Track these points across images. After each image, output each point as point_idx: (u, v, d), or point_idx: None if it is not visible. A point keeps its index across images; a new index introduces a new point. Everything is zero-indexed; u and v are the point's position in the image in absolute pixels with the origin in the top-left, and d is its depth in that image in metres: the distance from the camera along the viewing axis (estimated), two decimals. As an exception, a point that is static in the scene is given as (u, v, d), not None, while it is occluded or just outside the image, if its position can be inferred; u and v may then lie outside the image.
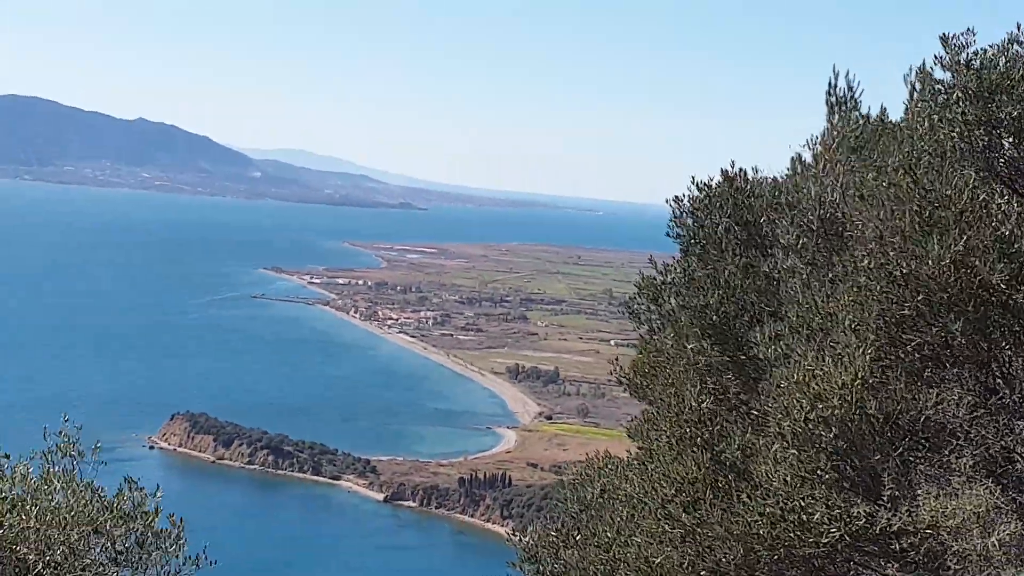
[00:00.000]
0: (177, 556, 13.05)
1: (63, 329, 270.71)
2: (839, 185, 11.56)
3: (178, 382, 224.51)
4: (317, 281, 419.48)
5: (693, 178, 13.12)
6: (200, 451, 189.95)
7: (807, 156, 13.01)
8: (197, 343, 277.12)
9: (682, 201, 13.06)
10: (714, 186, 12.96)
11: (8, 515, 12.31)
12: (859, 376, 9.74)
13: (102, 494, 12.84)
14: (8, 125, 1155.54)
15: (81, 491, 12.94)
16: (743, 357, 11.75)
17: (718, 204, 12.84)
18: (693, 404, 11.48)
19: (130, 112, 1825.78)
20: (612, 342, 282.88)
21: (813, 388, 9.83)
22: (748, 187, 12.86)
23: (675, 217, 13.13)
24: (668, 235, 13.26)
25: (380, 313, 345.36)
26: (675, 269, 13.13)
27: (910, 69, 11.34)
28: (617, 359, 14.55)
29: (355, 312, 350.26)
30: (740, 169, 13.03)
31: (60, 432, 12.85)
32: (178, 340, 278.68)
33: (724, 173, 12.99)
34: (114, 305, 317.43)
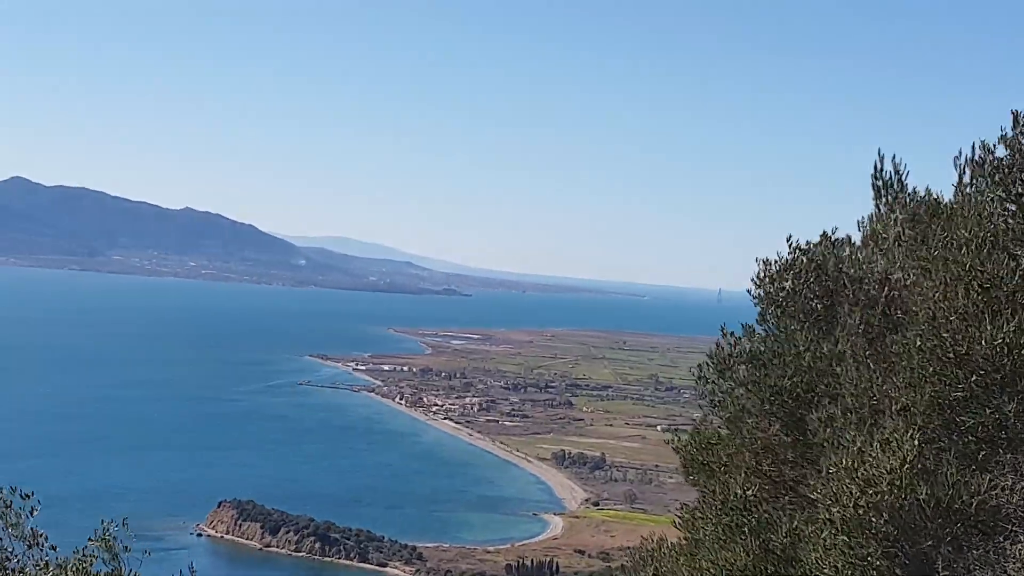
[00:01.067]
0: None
1: (110, 419, 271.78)
2: (900, 264, 11.48)
3: (224, 470, 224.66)
4: (363, 368, 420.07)
5: (760, 258, 13.14)
6: (247, 538, 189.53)
7: (856, 238, 12.96)
8: (243, 431, 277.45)
9: (760, 272, 13.06)
10: (790, 260, 12.92)
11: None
12: (907, 460, 9.63)
13: None
14: (56, 216, 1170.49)
15: None
16: (801, 439, 11.59)
17: (800, 275, 12.72)
18: (739, 491, 11.35)
19: (177, 202, 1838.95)
20: (659, 427, 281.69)
21: (862, 473, 9.74)
22: (822, 261, 12.77)
23: (757, 282, 13.07)
24: (752, 300, 13.17)
25: (425, 399, 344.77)
26: (744, 343, 12.97)
27: (960, 152, 11.37)
28: (676, 437, 14.21)
29: (400, 398, 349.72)
30: (810, 243, 13.01)
31: (104, 525, 12.89)
32: (224, 428, 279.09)
33: (797, 247, 12.97)
34: (161, 394, 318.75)
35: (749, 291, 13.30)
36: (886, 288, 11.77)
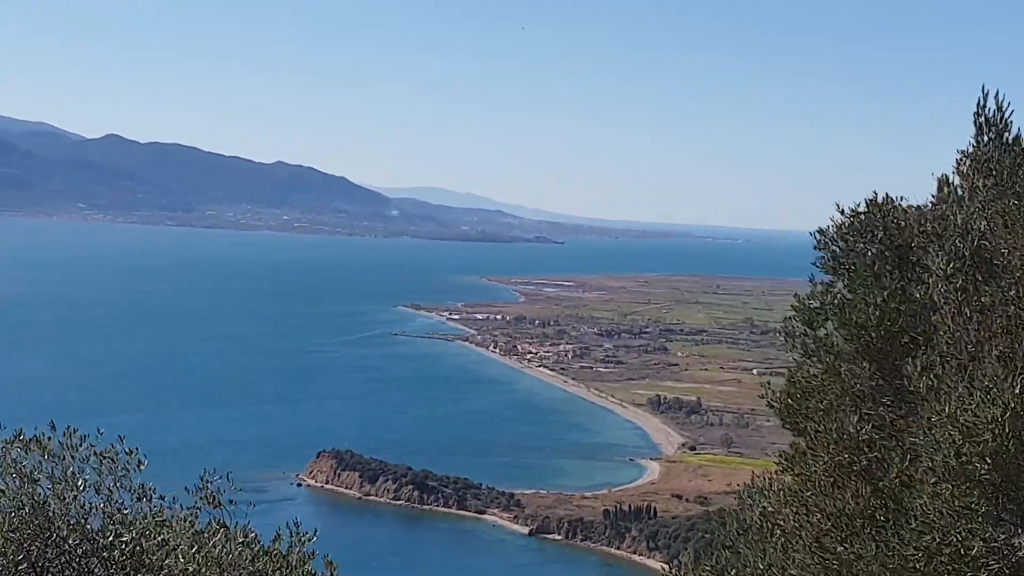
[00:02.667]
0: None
1: (207, 373, 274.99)
2: (984, 213, 11.29)
3: (321, 421, 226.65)
4: (456, 317, 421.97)
5: (838, 205, 12.95)
6: (346, 487, 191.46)
7: (955, 179, 12.79)
8: (339, 382, 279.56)
9: (828, 229, 12.85)
10: (862, 212, 12.74)
11: (168, 560, 12.52)
12: (1009, 407, 9.50)
13: (258, 538, 13.01)
14: (151, 172, 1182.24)
15: (235, 535, 13.10)
16: (899, 384, 11.48)
17: (868, 230, 12.63)
18: (851, 431, 11.24)
19: (269, 156, 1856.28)
20: (754, 371, 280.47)
21: (963, 421, 9.62)
22: (896, 214, 12.64)
23: (822, 244, 12.90)
24: (814, 263, 13.08)
25: (519, 347, 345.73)
26: (829, 293, 12.85)
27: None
28: (769, 383, 14.07)
29: (494, 347, 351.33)
30: (887, 195, 12.81)
31: (202, 477, 13.11)
32: (320, 379, 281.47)
33: (871, 200, 12.78)
34: (256, 347, 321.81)
35: (814, 261, 13.14)
36: (967, 239, 11.57)
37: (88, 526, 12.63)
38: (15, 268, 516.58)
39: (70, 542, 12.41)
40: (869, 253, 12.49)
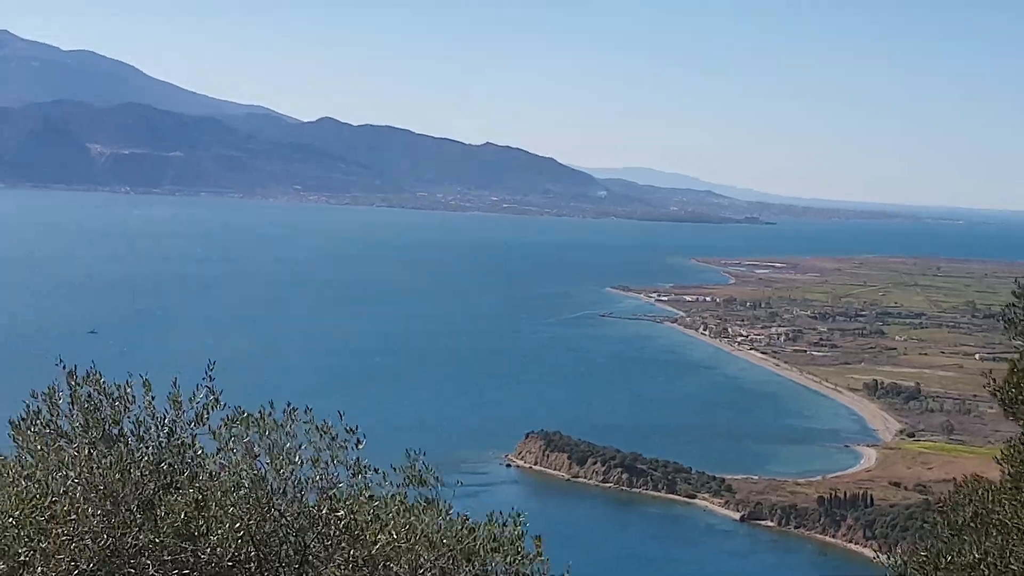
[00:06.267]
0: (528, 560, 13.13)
1: (416, 352, 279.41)
2: None
3: (529, 401, 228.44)
4: (664, 299, 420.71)
5: None
6: (555, 469, 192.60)
7: None
8: (548, 363, 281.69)
9: None
10: None
11: (380, 534, 12.56)
12: None
13: (467, 518, 13.07)
14: (365, 155, 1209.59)
15: (445, 513, 13.19)
16: None
17: None
18: None
19: (478, 138, 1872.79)
20: (977, 356, 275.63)
21: None
22: None
23: None
24: None
25: (729, 329, 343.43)
26: None
27: None
28: (991, 372, 13.70)
29: (704, 329, 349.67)
30: None
31: (411, 456, 13.19)
32: (527, 360, 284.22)
33: None
34: (464, 328, 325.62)
35: None
36: None
37: (304, 500, 12.80)
38: (235, 248, 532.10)
39: (287, 516, 12.55)
40: None
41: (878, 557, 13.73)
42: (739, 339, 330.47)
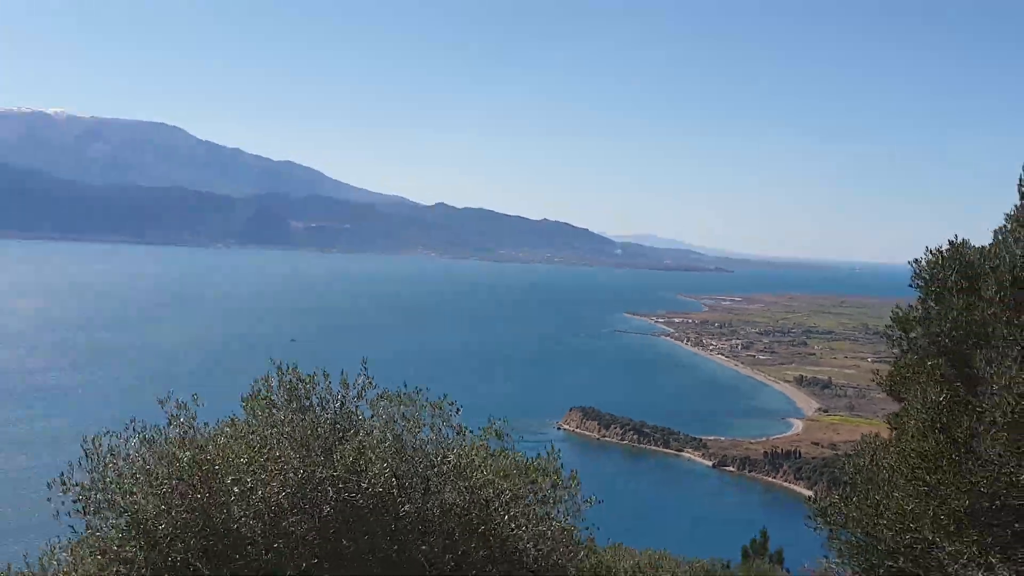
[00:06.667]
0: (576, 496, 13.38)
1: (494, 354, 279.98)
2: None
3: (571, 387, 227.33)
4: (660, 321, 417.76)
5: (926, 247, 13.04)
6: (588, 432, 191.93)
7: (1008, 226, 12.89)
8: (582, 361, 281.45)
9: (920, 262, 12.98)
10: (944, 251, 12.84)
11: (476, 472, 12.81)
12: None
13: (527, 458, 13.47)
14: (466, 226, 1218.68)
15: (515, 457, 13.50)
16: (967, 371, 11.86)
17: (948, 263, 12.77)
18: (933, 399, 11.45)
19: (538, 214, 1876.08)
20: (868, 359, 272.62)
21: (1015, 390, 10.04)
22: (968, 252, 12.86)
23: (915, 273, 13.01)
24: (910, 285, 13.29)
25: (704, 341, 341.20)
26: (917, 309, 13.19)
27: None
28: (877, 371, 14.79)
29: (687, 341, 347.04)
30: (962, 239, 12.88)
31: (492, 421, 13.54)
32: (568, 359, 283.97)
33: (951, 241, 12.89)
34: (527, 339, 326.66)
35: (914, 271, 13.55)
36: (1014, 271, 12.04)
37: (426, 449, 13.04)
38: (379, 286, 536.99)
39: (416, 460, 12.78)
40: (948, 281, 12.53)
41: (808, 501, 13.91)
42: (710, 347, 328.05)
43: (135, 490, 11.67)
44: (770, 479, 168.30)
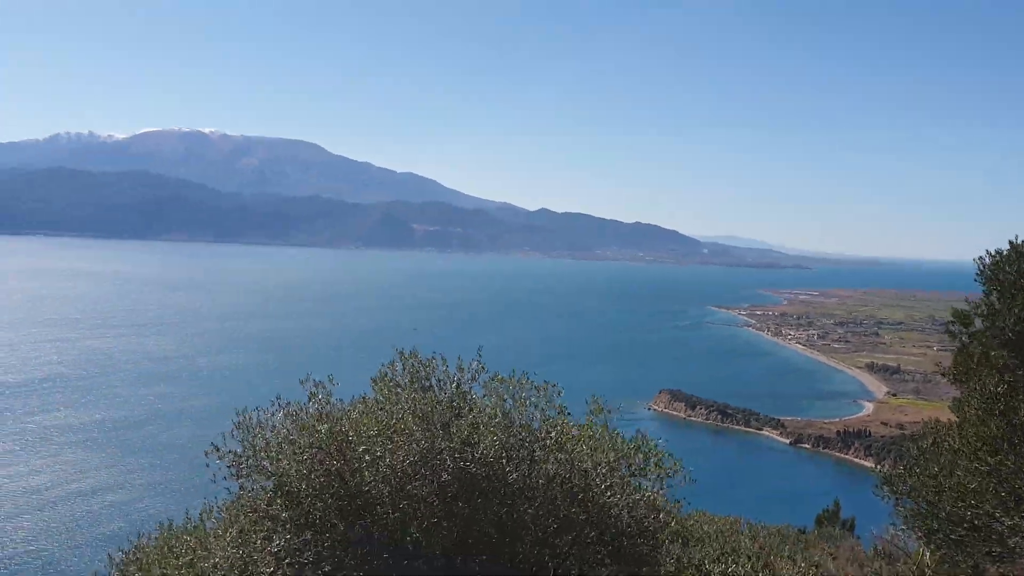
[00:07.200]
0: (668, 472, 13.27)
1: (589, 342, 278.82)
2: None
3: (660, 371, 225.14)
4: (743, 313, 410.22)
5: (987, 249, 12.66)
6: (676, 412, 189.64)
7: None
8: (672, 349, 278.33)
9: (984, 260, 12.59)
10: (1005, 252, 12.41)
11: (575, 446, 12.87)
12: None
13: (621, 435, 13.45)
14: (564, 228, 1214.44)
15: (613, 435, 13.48)
16: None
17: (1010, 261, 12.37)
18: (992, 388, 11.14)
19: (631, 217, 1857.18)
20: (935, 347, 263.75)
21: None
22: None
23: (979, 271, 12.62)
24: (975, 280, 12.81)
25: (782, 331, 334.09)
26: (980, 305, 12.79)
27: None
28: (939, 363, 14.51)
29: (767, 331, 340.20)
30: (1022, 240, 12.40)
31: (589, 400, 13.48)
32: (656, 348, 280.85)
33: (1011, 243, 12.47)
34: (622, 329, 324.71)
35: (979, 268, 13.11)
36: None
37: (531, 425, 13.14)
38: (489, 281, 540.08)
39: (522, 434, 12.88)
40: (1010, 278, 12.18)
41: (876, 468, 13.74)
42: (789, 337, 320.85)
43: (281, 457, 12.08)
44: (842, 455, 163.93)
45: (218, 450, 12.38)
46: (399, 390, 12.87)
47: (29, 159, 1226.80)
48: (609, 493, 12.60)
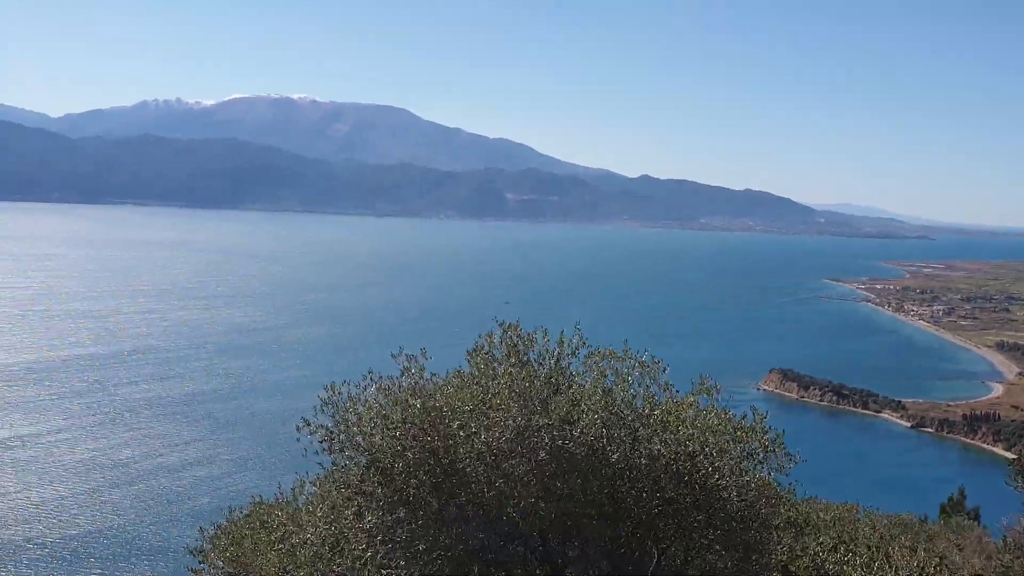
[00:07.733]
0: (779, 455, 13.00)
1: (697, 318, 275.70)
2: None
3: (772, 349, 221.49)
4: (862, 287, 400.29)
5: None
6: (788, 392, 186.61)
7: None
8: (785, 325, 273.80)
9: None
10: None
11: (683, 427, 12.73)
12: None
13: (732, 416, 13.17)
14: (668, 196, 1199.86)
15: (721, 414, 13.27)
16: None
17: None
18: None
19: (740, 184, 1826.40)
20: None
21: None
22: None
23: None
24: None
25: (905, 307, 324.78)
26: None
27: None
28: None
29: (888, 306, 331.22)
30: None
31: (697, 380, 13.28)
32: (773, 323, 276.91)
33: None
34: (732, 302, 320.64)
35: None
36: None
37: (633, 404, 13.02)
38: (587, 253, 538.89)
39: (624, 413, 12.79)
40: None
41: (1011, 455, 13.06)
42: (911, 313, 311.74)
43: (374, 432, 12.25)
44: (968, 440, 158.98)
45: (309, 424, 12.64)
46: (495, 364, 12.87)
47: (116, 127, 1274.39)
48: (717, 476, 12.44)
